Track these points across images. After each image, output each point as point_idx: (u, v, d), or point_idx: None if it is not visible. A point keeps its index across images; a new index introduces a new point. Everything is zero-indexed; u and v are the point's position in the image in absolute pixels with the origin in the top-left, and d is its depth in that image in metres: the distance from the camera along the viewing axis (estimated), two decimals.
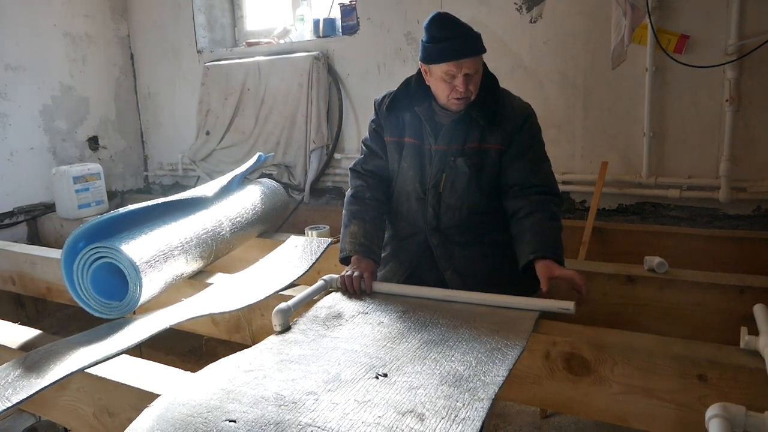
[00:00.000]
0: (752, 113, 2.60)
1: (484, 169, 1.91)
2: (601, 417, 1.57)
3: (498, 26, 3.04)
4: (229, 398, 1.24)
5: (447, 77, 1.80)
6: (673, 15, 2.66)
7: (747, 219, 2.70)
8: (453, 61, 1.77)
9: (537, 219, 1.83)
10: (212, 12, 4.21)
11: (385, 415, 1.16)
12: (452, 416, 1.15)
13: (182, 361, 3.15)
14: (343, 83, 3.63)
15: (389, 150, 2.03)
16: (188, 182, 4.32)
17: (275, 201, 3.05)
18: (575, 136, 2.99)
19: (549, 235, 1.81)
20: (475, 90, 1.84)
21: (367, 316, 1.69)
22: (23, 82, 3.78)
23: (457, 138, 1.91)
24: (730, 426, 1.08)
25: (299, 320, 1.70)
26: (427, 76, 1.88)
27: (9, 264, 2.91)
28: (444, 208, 1.95)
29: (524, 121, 1.89)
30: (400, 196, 2.03)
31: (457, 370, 1.34)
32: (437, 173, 1.93)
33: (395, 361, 1.41)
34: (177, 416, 1.18)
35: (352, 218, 1.99)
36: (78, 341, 1.74)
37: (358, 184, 2.07)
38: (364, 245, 1.93)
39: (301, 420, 1.15)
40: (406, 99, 1.96)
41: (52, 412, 1.69)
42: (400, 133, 2.00)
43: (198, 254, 2.29)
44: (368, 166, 2.08)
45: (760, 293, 1.84)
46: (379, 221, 2.02)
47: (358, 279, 1.84)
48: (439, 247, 1.96)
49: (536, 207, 1.84)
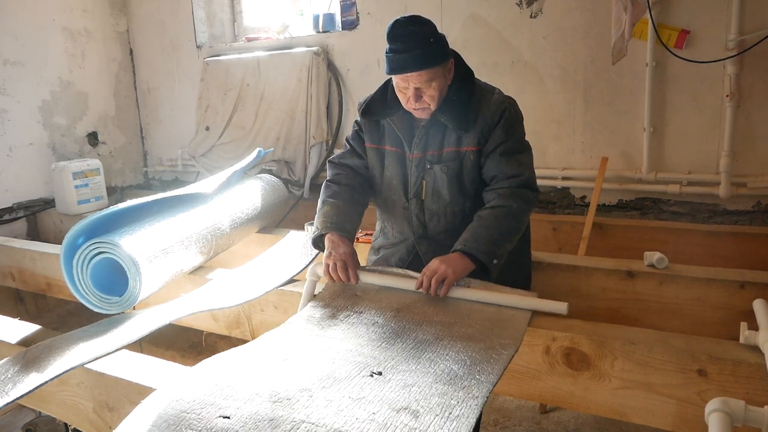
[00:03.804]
0: (752, 108, 2.59)
1: (463, 173, 1.85)
2: (600, 412, 1.57)
3: (498, 21, 3.03)
4: (223, 394, 1.24)
5: (400, 88, 1.77)
6: (674, 10, 2.66)
7: (747, 214, 2.70)
8: (398, 74, 1.73)
9: (485, 213, 1.78)
10: (211, 7, 4.20)
11: (379, 412, 1.16)
12: (446, 413, 1.15)
13: (182, 357, 3.15)
14: (342, 78, 3.63)
15: (369, 156, 1.99)
16: (188, 178, 4.32)
17: (275, 197, 3.05)
18: (575, 131, 2.98)
19: (480, 230, 1.74)
20: (433, 101, 1.76)
21: (362, 316, 1.68)
22: (22, 78, 3.77)
23: (434, 143, 1.86)
24: (730, 420, 1.08)
25: (293, 320, 1.69)
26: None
27: (9, 259, 2.91)
28: (428, 215, 1.91)
29: (500, 117, 1.81)
30: (387, 205, 2.00)
31: (452, 369, 1.34)
32: (417, 181, 1.89)
33: (390, 360, 1.41)
34: (171, 412, 1.18)
35: (326, 200, 1.95)
36: (78, 337, 1.74)
37: (335, 173, 2.03)
38: (336, 223, 1.87)
39: (296, 416, 1.15)
40: (381, 104, 1.90)
41: (52, 407, 1.69)
42: (379, 140, 1.96)
43: (198, 250, 2.29)
44: (347, 161, 2.03)
45: (760, 288, 1.84)
46: (354, 204, 1.96)
47: (343, 269, 1.80)
48: (429, 253, 1.90)
49: (498, 201, 1.78)
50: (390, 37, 1.73)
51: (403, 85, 1.75)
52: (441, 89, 1.77)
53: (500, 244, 1.72)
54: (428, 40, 1.72)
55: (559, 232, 2.90)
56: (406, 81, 1.73)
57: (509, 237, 1.76)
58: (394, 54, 1.72)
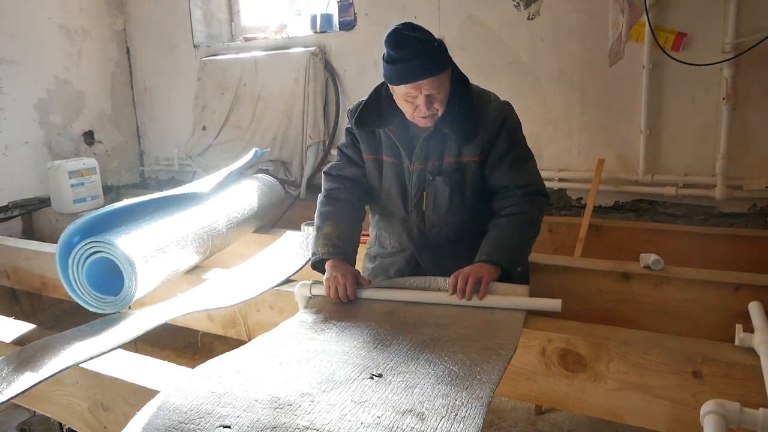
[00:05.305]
0: (749, 111, 2.60)
1: (465, 184, 1.84)
2: (596, 413, 1.57)
3: (495, 23, 3.03)
4: (221, 402, 1.20)
5: (409, 98, 1.72)
6: (671, 13, 2.67)
7: (743, 217, 2.71)
8: (411, 83, 1.68)
9: (503, 222, 1.77)
10: (209, 6, 4.19)
11: (384, 415, 1.14)
12: (452, 415, 1.14)
13: (177, 356, 3.14)
14: (339, 79, 3.63)
15: (367, 166, 1.95)
16: (184, 177, 4.31)
17: (272, 196, 3.05)
18: (572, 133, 2.99)
19: (502, 240, 1.73)
20: (442, 106, 1.74)
21: (356, 320, 1.66)
22: (18, 76, 3.75)
23: (434, 154, 1.83)
24: (725, 422, 1.08)
25: (285, 325, 1.66)
26: (392, 92, 1.79)
27: (4, 258, 2.89)
28: (429, 226, 1.89)
29: (501, 125, 1.79)
30: (385, 215, 1.97)
31: (452, 370, 1.33)
32: (417, 192, 1.86)
33: (389, 361, 1.39)
34: (168, 423, 1.14)
35: (325, 220, 1.89)
36: (73, 336, 1.74)
37: (332, 186, 1.96)
38: (338, 247, 1.82)
39: (299, 423, 1.12)
40: (376, 114, 1.85)
41: (46, 407, 1.68)
42: (376, 150, 1.91)
43: (194, 249, 2.28)
44: (345, 173, 1.97)
45: (755, 291, 1.84)
46: (354, 223, 1.92)
47: (344, 289, 1.75)
48: (430, 264, 1.89)
49: (514, 209, 1.78)
50: (393, 46, 1.68)
51: (414, 94, 1.70)
52: (447, 95, 1.74)
53: (521, 252, 1.75)
54: (432, 45, 1.69)
55: (555, 234, 2.90)
56: (418, 89, 1.68)
57: (529, 244, 1.78)
58: (402, 63, 1.66)
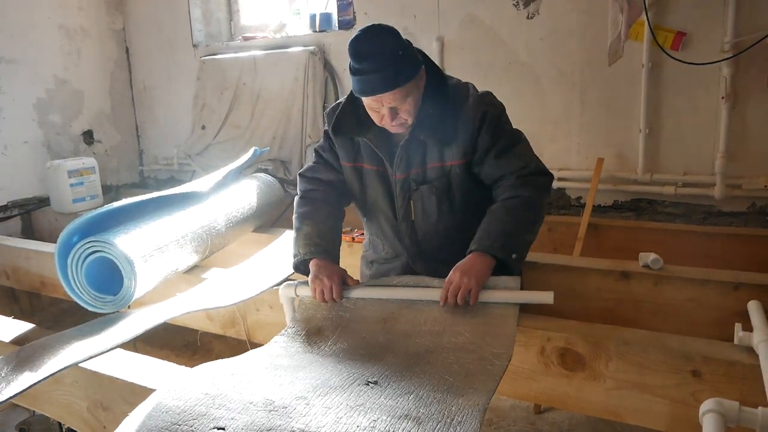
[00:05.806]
0: (748, 110, 2.60)
1: (451, 190, 1.77)
2: (595, 412, 1.57)
3: (495, 22, 3.03)
4: (216, 404, 1.19)
5: (373, 108, 1.66)
6: (670, 12, 2.67)
7: (742, 216, 2.71)
8: (371, 96, 1.61)
9: (495, 207, 1.70)
10: (208, 6, 4.19)
11: (380, 419, 1.13)
12: (448, 420, 1.13)
13: (177, 356, 3.14)
14: (339, 78, 3.62)
15: (346, 173, 1.89)
16: (183, 177, 4.30)
17: (271, 196, 3.05)
18: (571, 132, 2.99)
19: (492, 225, 1.66)
20: (410, 115, 1.66)
21: (348, 329, 1.63)
22: (17, 75, 3.75)
23: (416, 161, 1.76)
24: (724, 421, 1.08)
25: (279, 338, 1.64)
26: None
27: (3, 258, 2.90)
28: (421, 235, 1.84)
29: (481, 122, 1.70)
30: (375, 222, 1.92)
31: (447, 380, 1.32)
32: (404, 203, 1.81)
33: (383, 371, 1.38)
34: (161, 425, 1.13)
35: (304, 220, 1.83)
36: (72, 335, 1.74)
37: (308, 188, 1.92)
38: (320, 246, 1.77)
39: (294, 425, 1.11)
40: (354, 121, 1.77)
41: (46, 406, 1.68)
42: (355, 158, 1.85)
43: (193, 249, 2.28)
44: (320, 176, 1.92)
45: (755, 290, 1.84)
46: (334, 221, 1.87)
47: (330, 291, 1.70)
48: (425, 271, 1.84)
49: (508, 193, 1.70)
50: (355, 56, 1.59)
51: (376, 106, 1.63)
52: (416, 102, 1.66)
53: (516, 236, 1.64)
54: (397, 54, 1.58)
55: (555, 233, 2.90)
56: (379, 102, 1.61)
57: (526, 227, 1.68)
58: (363, 75, 1.58)
